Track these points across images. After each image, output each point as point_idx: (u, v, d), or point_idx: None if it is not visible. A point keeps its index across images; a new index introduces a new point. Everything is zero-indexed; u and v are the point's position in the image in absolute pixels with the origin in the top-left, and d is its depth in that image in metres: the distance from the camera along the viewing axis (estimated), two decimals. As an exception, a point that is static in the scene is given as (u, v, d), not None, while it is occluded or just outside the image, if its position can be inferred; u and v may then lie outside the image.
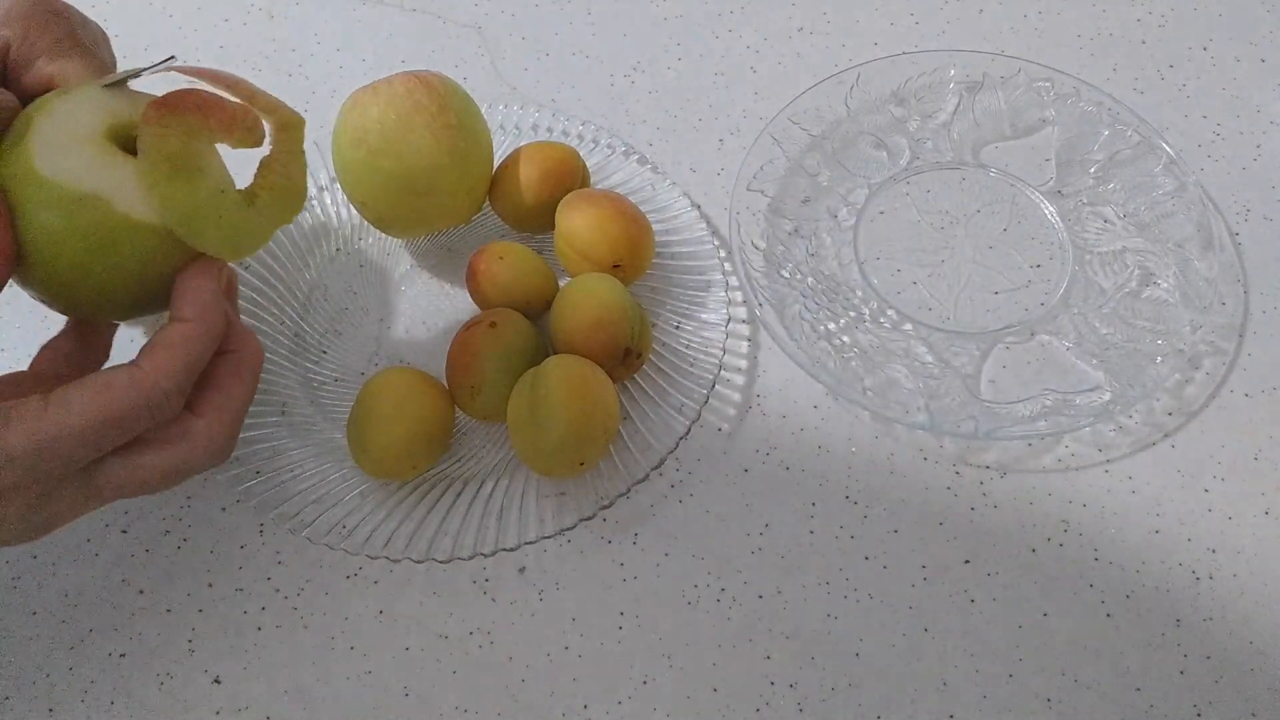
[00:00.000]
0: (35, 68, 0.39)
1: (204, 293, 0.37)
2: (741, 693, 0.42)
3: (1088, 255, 0.52)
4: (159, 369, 0.35)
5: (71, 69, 0.39)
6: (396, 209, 0.48)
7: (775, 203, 0.53)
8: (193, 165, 0.37)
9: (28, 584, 0.45)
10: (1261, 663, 0.42)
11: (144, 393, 0.35)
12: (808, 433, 0.48)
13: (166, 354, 0.36)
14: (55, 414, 0.34)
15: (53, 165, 0.35)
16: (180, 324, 0.37)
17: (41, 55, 0.39)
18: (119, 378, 0.35)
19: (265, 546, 0.46)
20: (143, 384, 0.35)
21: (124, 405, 0.34)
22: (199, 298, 0.37)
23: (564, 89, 0.59)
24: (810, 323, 0.50)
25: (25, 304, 0.52)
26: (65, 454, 0.34)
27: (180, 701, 0.43)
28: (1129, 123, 0.54)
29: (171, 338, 0.36)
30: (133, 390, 0.35)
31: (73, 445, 0.34)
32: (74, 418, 0.34)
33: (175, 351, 0.36)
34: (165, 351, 0.36)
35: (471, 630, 0.44)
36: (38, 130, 0.35)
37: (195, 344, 0.36)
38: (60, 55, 0.39)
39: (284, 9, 0.63)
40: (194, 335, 0.36)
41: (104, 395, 0.34)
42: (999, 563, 0.45)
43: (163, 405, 0.35)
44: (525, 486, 0.46)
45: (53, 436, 0.34)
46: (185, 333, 0.36)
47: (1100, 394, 0.47)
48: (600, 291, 0.46)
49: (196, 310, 0.37)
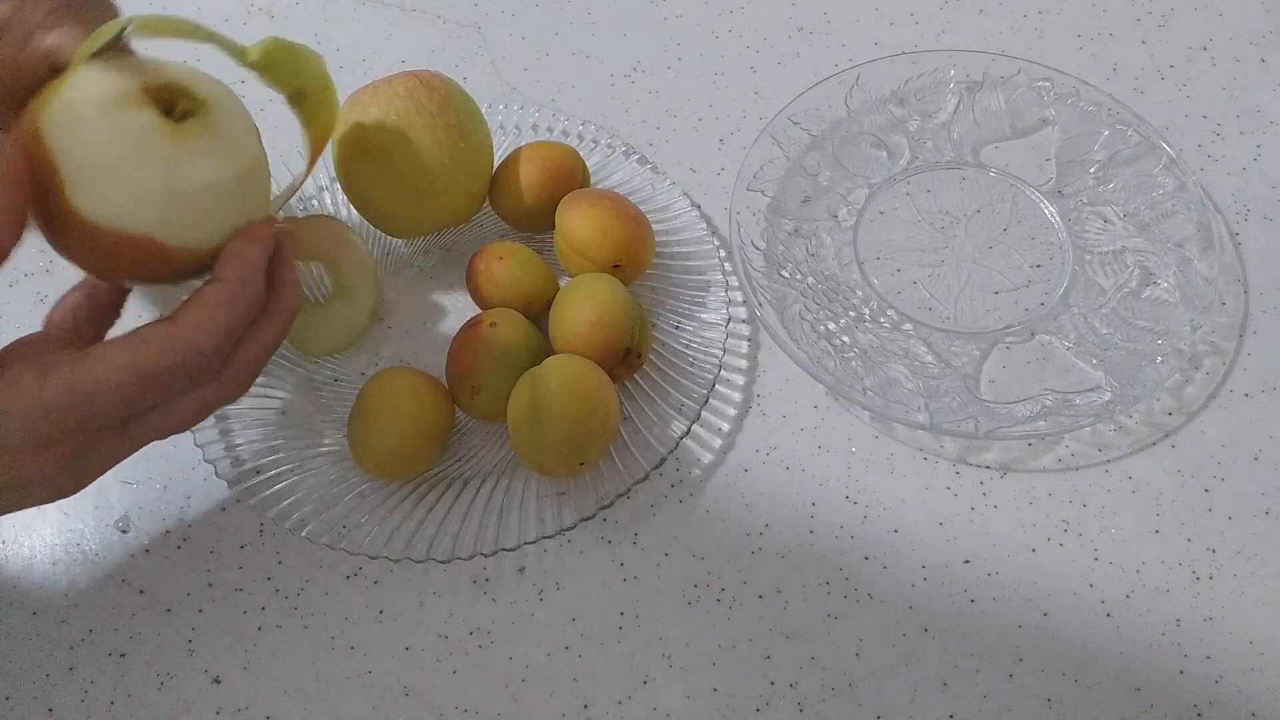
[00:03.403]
0: (34, 42, 0.38)
1: (249, 256, 0.37)
2: (741, 693, 0.42)
3: (1088, 255, 0.52)
4: (198, 327, 0.35)
5: (68, 39, 0.38)
6: (397, 209, 0.48)
7: (775, 203, 0.53)
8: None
9: (28, 584, 0.45)
10: (1261, 663, 0.42)
11: (181, 351, 0.35)
12: (808, 433, 0.48)
13: (205, 313, 0.36)
14: (93, 368, 0.34)
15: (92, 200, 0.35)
16: (222, 284, 0.36)
17: (38, 26, 0.38)
18: (155, 333, 0.35)
19: (265, 546, 0.46)
20: (180, 342, 0.35)
21: (161, 363, 0.34)
22: (243, 260, 0.37)
23: (564, 89, 0.59)
24: (810, 323, 0.50)
25: (25, 304, 0.53)
26: (102, 408, 0.34)
27: (180, 701, 0.43)
28: (1129, 123, 0.54)
29: (212, 297, 0.36)
30: (169, 348, 0.35)
31: (110, 400, 0.34)
32: (111, 373, 0.34)
33: (215, 311, 0.36)
34: (203, 310, 0.36)
35: (471, 630, 0.44)
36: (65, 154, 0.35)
37: (237, 306, 0.36)
38: (56, 25, 0.38)
39: (284, 9, 0.63)
40: (235, 297, 0.36)
41: (140, 351, 0.34)
42: (999, 563, 0.45)
43: (201, 365, 0.35)
44: (525, 486, 0.46)
45: (90, 391, 0.34)
46: (226, 294, 0.36)
47: (1100, 394, 0.47)
48: (600, 291, 0.46)
49: (239, 273, 0.37)
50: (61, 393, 0.33)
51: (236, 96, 0.40)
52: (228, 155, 0.37)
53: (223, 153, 0.37)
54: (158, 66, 0.37)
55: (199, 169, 0.36)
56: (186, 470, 0.47)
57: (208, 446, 0.46)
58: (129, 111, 0.35)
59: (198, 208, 0.36)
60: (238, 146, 0.38)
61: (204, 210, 0.37)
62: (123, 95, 0.35)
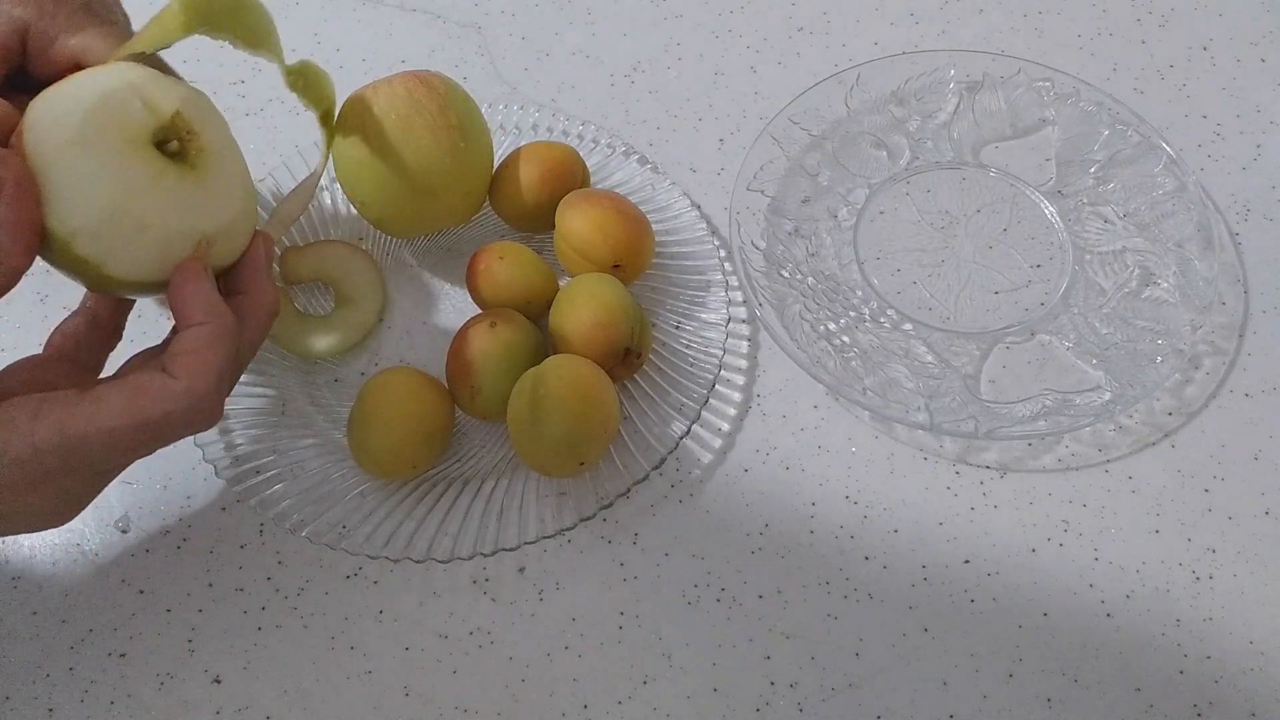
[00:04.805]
0: (57, 45, 0.38)
1: (204, 294, 0.36)
2: (741, 693, 0.42)
3: (1088, 255, 0.52)
4: (195, 373, 0.35)
5: (93, 42, 0.38)
6: (397, 209, 0.48)
7: (775, 203, 0.53)
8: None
9: (28, 584, 0.45)
10: (1261, 663, 0.42)
11: (179, 400, 0.34)
12: (808, 433, 0.48)
13: (197, 361, 0.35)
14: (86, 411, 0.33)
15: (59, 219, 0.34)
16: (200, 327, 0.36)
17: (61, 31, 0.38)
18: (152, 383, 0.34)
19: (265, 546, 0.46)
20: (179, 393, 0.34)
21: (159, 411, 0.34)
22: (201, 300, 0.36)
23: (564, 89, 0.59)
24: (810, 323, 0.50)
25: (25, 304, 0.53)
26: (94, 453, 0.34)
27: (180, 701, 0.43)
28: (1129, 123, 0.54)
29: (197, 343, 0.35)
30: (168, 398, 0.34)
31: (103, 444, 0.34)
32: (105, 418, 0.33)
33: (206, 355, 0.35)
34: (195, 358, 0.35)
35: (471, 630, 0.44)
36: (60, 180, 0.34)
37: (221, 342, 0.36)
38: (79, 29, 0.38)
39: (284, 9, 0.63)
40: (217, 335, 0.36)
41: (137, 401, 0.34)
42: (999, 563, 0.45)
43: (203, 409, 0.35)
44: (525, 486, 0.46)
45: (82, 435, 0.33)
46: (208, 335, 0.36)
47: (1100, 394, 0.47)
48: (600, 291, 0.46)
49: (205, 312, 0.36)
50: (53, 434, 0.33)
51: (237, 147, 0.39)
52: (211, 211, 0.37)
53: (207, 209, 0.37)
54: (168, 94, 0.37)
55: (183, 221, 0.36)
56: (186, 470, 0.47)
57: (208, 446, 0.46)
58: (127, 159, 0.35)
59: (172, 254, 0.36)
60: (233, 189, 0.38)
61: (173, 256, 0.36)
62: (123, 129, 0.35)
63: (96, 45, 0.38)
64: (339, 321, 0.50)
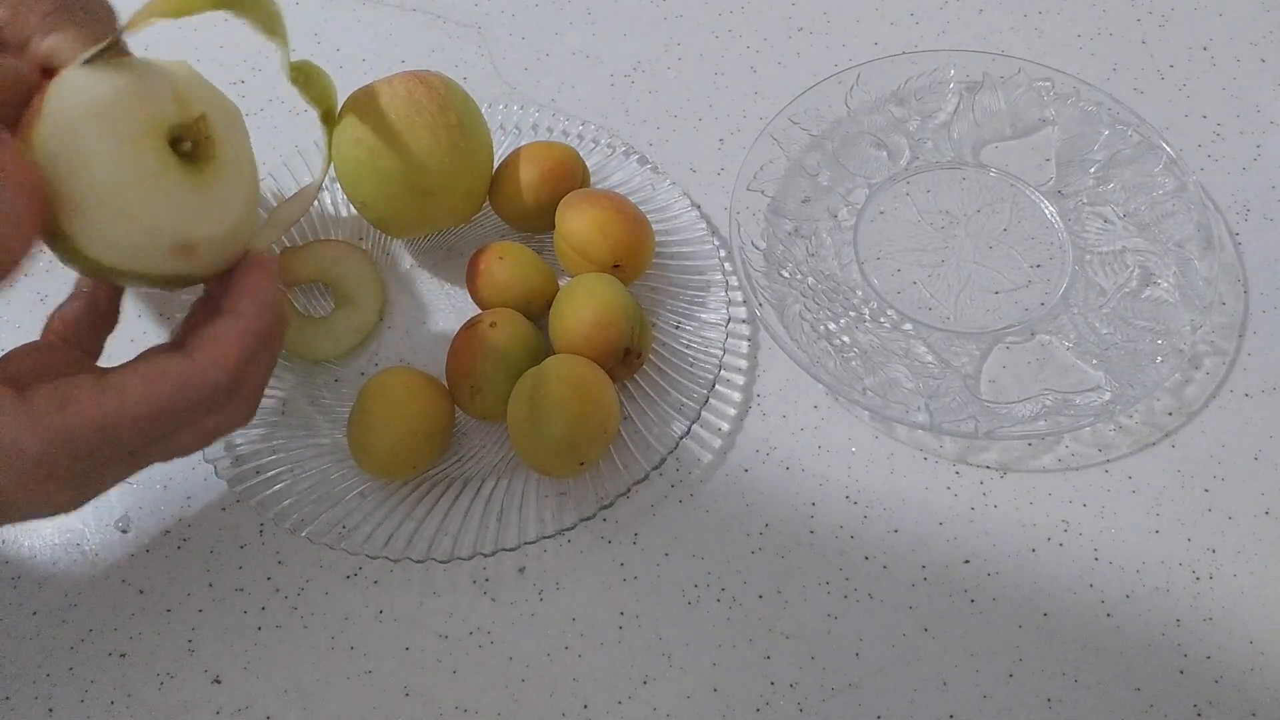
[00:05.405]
0: (30, 47, 0.38)
1: (264, 292, 0.37)
2: (741, 693, 0.42)
3: (1088, 255, 0.52)
4: (215, 363, 0.35)
5: (64, 43, 0.37)
6: (397, 209, 0.48)
7: (775, 203, 0.53)
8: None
9: (28, 584, 0.45)
10: (1261, 663, 0.42)
11: (198, 386, 0.35)
12: (808, 433, 0.48)
13: (220, 349, 0.35)
14: (112, 401, 0.34)
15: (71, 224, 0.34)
16: (236, 318, 0.36)
17: (35, 32, 0.38)
18: (172, 367, 0.35)
19: (265, 546, 0.46)
20: (198, 377, 0.35)
21: (180, 396, 0.34)
22: (259, 296, 0.37)
23: (564, 89, 0.59)
24: (810, 323, 0.50)
25: (25, 304, 0.53)
26: (122, 440, 0.34)
27: (180, 701, 0.43)
28: (1129, 123, 0.54)
29: (227, 332, 0.36)
30: (188, 382, 0.34)
31: (129, 432, 0.34)
32: (130, 405, 0.34)
33: (230, 347, 0.35)
34: (219, 346, 0.35)
35: (471, 630, 0.44)
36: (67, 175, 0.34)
37: (250, 340, 0.36)
38: (51, 30, 0.38)
39: (284, 9, 0.63)
40: (249, 331, 0.36)
41: (158, 386, 0.34)
42: (999, 563, 0.45)
43: (217, 399, 0.35)
44: (525, 486, 0.46)
45: (110, 424, 0.33)
46: (240, 328, 0.36)
47: (1100, 394, 0.47)
48: (600, 291, 0.46)
49: (255, 309, 0.36)
50: (80, 424, 0.33)
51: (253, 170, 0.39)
52: (203, 220, 0.37)
53: (199, 216, 0.36)
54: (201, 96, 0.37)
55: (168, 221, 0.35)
56: (186, 470, 0.47)
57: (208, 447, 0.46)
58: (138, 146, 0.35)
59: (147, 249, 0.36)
60: (232, 205, 0.38)
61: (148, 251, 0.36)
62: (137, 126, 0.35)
63: (67, 48, 0.38)
64: (339, 323, 0.50)
